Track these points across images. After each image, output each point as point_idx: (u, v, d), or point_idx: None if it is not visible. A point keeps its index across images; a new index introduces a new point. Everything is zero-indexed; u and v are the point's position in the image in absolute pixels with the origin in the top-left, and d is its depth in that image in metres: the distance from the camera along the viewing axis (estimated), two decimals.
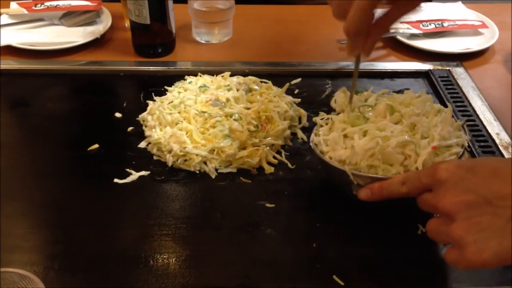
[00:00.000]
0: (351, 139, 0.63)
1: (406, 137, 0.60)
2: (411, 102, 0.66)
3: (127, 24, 1.06)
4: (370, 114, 0.65)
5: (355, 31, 0.59)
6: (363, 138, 0.62)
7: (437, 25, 1.06)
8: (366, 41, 0.61)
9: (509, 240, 0.45)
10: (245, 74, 0.88)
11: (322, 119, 0.70)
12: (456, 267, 0.49)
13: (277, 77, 0.91)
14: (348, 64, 0.97)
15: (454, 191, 0.49)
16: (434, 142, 0.60)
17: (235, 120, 0.76)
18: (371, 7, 0.58)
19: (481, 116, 0.83)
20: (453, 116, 0.65)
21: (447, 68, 0.95)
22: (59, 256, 0.61)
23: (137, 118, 0.82)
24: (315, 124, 0.71)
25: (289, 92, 0.87)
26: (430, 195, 0.52)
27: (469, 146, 0.74)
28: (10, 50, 0.99)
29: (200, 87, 0.83)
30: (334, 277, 0.58)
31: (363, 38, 0.61)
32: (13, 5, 1.10)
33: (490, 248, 0.45)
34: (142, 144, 0.78)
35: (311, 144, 0.68)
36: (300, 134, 0.80)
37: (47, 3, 1.10)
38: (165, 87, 0.87)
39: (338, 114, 0.70)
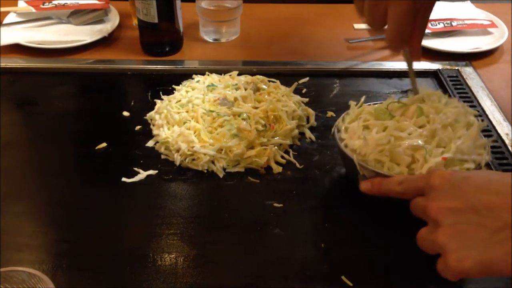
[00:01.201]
0: (370, 131, 0.63)
1: (419, 141, 0.60)
2: (443, 109, 0.64)
3: (135, 22, 1.06)
4: (399, 112, 0.65)
5: (400, 41, 0.62)
6: (380, 133, 0.62)
7: (446, 25, 1.06)
8: (412, 44, 0.64)
9: (492, 252, 0.45)
10: (253, 73, 0.88)
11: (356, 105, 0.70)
12: (445, 276, 0.48)
13: (285, 76, 0.90)
14: (356, 63, 0.96)
15: (443, 197, 0.49)
16: (446, 153, 0.59)
17: (243, 119, 0.75)
18: (408, 15, 0.60)
19: (490, 117, 0.82)
20: (484, 134, 0.64)
21: (456, 68, 0.95)
22: (67, 254, 0.61)
23: (144, 117, 0.82)
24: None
25: (297, 91, 0.87)
26: (421, 199, 0.52)
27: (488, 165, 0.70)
28: (18, 49, 0.99)
29: (208, 86, 0.83)
30: (343, 277, 0.58)
31: (407, 41, 0.63)
32: (21, 4, 1.11)
33: (471, 257, 0.45)
34: (150, 143, 0.78)
35: (333, 128, 0.68)
36: (308, 134, 0.80)
37: (55, 2, 1.10)
38: (173, 86, 0.86)
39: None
